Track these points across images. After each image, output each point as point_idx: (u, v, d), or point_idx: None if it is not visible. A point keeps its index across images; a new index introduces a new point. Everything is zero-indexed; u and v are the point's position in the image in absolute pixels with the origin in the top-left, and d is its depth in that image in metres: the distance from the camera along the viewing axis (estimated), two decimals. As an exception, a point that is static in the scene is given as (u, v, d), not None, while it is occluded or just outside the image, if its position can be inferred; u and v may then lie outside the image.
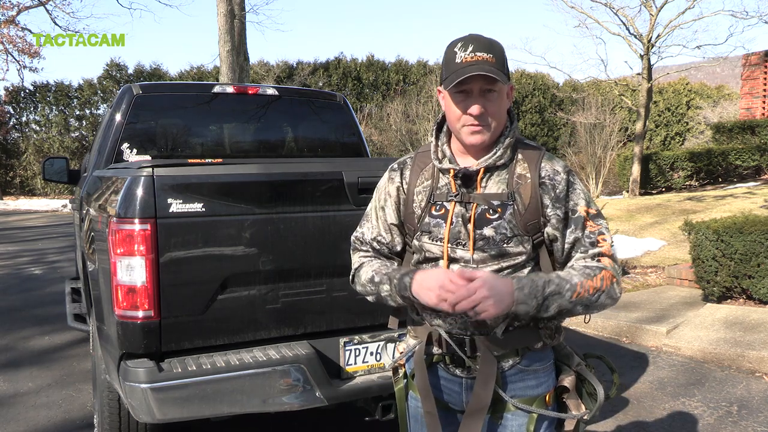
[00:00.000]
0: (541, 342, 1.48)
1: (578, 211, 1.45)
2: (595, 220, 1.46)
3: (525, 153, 1.48)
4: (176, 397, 2.10)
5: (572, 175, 1.47)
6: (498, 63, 1.41)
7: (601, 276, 1.40)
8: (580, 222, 1.45)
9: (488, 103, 1.42)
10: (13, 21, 18.14)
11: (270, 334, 2.35)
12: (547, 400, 1.50)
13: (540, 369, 1.49)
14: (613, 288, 1.42)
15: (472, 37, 1.43)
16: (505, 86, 1.44)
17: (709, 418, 3.35)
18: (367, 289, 1.56)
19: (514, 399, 1.47)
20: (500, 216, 1.43)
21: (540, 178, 1.45)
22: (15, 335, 5.05)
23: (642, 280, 6.51)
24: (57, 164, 4.57)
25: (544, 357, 1.51)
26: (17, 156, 19.92)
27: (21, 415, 3.49)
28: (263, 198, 2.27)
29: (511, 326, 1.45)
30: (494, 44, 1.43)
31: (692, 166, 14.30)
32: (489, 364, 1.44)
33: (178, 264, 2.16)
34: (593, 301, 1.39)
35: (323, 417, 3.30)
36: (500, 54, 1.42)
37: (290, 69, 20.72)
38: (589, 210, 1.46)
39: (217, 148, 4.19)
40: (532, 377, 1.49)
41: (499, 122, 1.45)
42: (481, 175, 1.46)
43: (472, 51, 1.40)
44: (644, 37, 13.97)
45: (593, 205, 1.47)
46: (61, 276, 7.39)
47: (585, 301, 1.39)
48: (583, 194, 1.47)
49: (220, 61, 10.17)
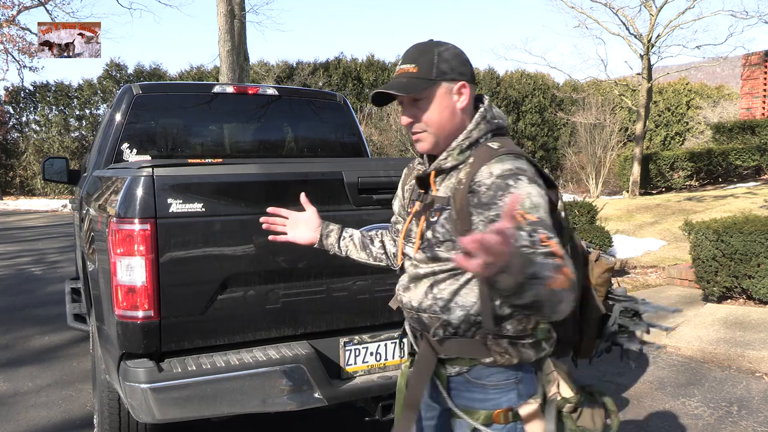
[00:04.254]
0: (491, 357, 1.39)
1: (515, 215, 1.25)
2: (533, 225, 1.25)
3: (477, 155, 1.40)
4: (176, 397, 2.09)
5: (514, 179, 1.31)
6: (421, 71, 1.39)
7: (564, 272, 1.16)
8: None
9: (419, 112, 1.42)
10: (13, 21, 18.13)
11: (270, 334, 2.35)
12: (499, 419, 1.41)
13: (490, 385, 1.42)
14: (571, 292, 1.17)
15: (408, 48, 1.45)
16: (444, 88, 1.41)
17: (709, 418, 3.35)
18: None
19: (459, 407, 1.45)
20: (437, 219, 1.43)
21: (471, 182, 1.36)
22: (15, 335, 5.05)
23: (642, 280, 6.51)
24: (57, 164, 4.58)
25: (497, 373, 1.41)
26: (17, 156, 19.92)
27: (20, 414, 3.49)
28: (263, 198, 2.27)
29: (447, 333, 1.42)
30: (424, 51, 1.41)
31: (692, 166, 14.31)
32: (423, 363, 1.46)
33: (178, 264, 2.16)
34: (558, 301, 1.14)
35: (323, 417, 3.30)
36: (427, 61, 1.40)
37: (290, 69, 20.72)
38: (526, 215, 1.26)
39: (217, 148, 4.19)
40: (479, 391, 1.43)
41: (440, 127, 1.42)
42: (433, 178, 1.47)
43: (400, 64, 1.44)
44: (644, 37, 13.98)
45: (536, 213, 1.27)
46: (61, 276, 7.38)
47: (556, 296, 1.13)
48: (522, 200, 1.29)
49: (220, 61, 10.17)
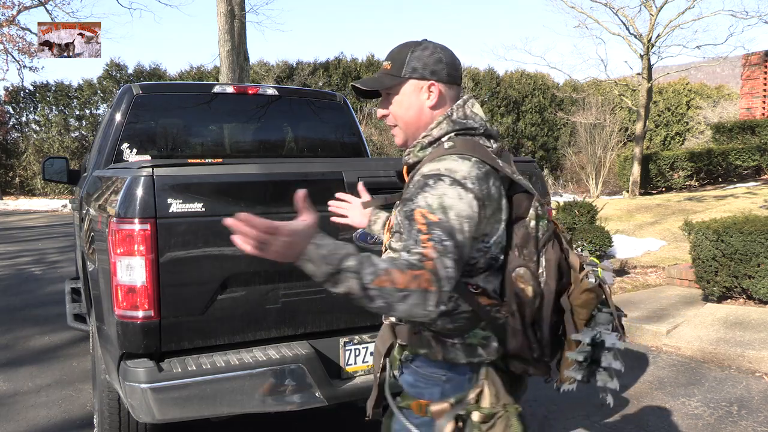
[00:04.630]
0: (425, 349, 1.42)
1: (415, 211, 1.28)
2: (430, 225, 1.25)
3: (432, 154, 1.41)
4: (176, 397, 2.09)
5: (435, 179, 1.31)
6: (394, 68, 1.48)
7: (416, 274, 1.17)
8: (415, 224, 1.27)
9: (391, 106, 1.50)
10: (13, 21, 18.13)
11: (270, 334, 2.35)
12: (416, 408, 1.44)
13: (421, 375, 1.45)
14: (427, 296, 1.17)
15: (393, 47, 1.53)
16: (410, 86, 1.47)
17: (709, 418, 3.35)
18: None
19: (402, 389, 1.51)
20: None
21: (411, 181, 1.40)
22: (15, 335, 5.05)
23: (642, 279, 6.51)
24: (57, 164, 4.58)
25: (429, 366, 1.44)
26: (17, 156, 19.91)
27: (20, 414, 3.49)
28: (263, 198, 2.27)
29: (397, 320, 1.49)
30: (402, 50, 1.49)
31: (692, 166, 14.31)
32: (381, 340, 1.54)
33: (178, 264, 2.16)
34: (398, 299, 1.16)
35: (323, 417, 3.30)
36: (400, 58, 1.47)
37: (290, 69, 20.72)
38: (429, 215, 1.26)
39: (217, 148, 4.19)
40: (414, 378, 1.47)
41: (408, 122, 1.49)
42: (406, 173, 1.54)
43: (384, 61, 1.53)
44: (644, 37, 13.98)
45: (440, 214, 1.27)
46: (61, 276, 7.38)
47: (387, 295, 1.15)
48: (430, 199, 1.28)
49: (220, 61, 10.17)
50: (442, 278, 1.20)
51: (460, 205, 1.28)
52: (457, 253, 1.25)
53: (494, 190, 1.37)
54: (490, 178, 1.37)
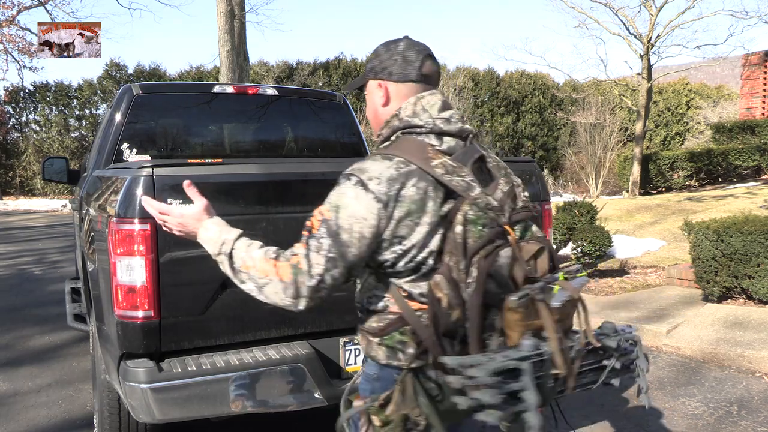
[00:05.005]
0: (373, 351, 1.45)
1: (317, 208, 1.36)
2: (320, 223, 1.32)
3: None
4: (176, 397, 2.09)
5: (345, 178, 1.35)
6: (365, 69, 1.54)
7: (279, 264, 1.32)
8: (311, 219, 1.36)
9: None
10: (13, 21, 18.13)
11: (270, 334, 2.35)
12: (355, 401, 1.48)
13: (365, 371, 1.50)
14: (285, 286, 1.31)
15: None
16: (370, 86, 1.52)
17: (709, 418, 3.35)
18: None
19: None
20: None
21: None
22: (15, 335, 5.05)
23: (642, 279, 6.51)
24: (57, 164, 4.58)
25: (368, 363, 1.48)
26: (17, 156, 19.92)
27: (20, 414, 3.49)
28: (263, 198, 2.27)
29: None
30: (374, 53, 1.52)
31: (692, 166, 14.31)
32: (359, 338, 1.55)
33: (178, 264, 2.16)
34: (261, 285, 1.34)
35: (323, 417, 3.30)
36: (371, 59, 1.52)
37: (290, 69, 20.72)
38: (325, 213, 1.33)
39: (217, 148, 4.19)
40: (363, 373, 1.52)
41: (372, 121, 1.55)
42: None
43: None
44: (644, 37, 13.99)
45: (332, 212, 1.32)
46: (61, 276, 7.39)
47: (254, 279, 1.35)
48: (332, 197, 1.34)
49: (220, 61, 10.17)
50: (303, 272, 1.30)
51: (354, 206, 1.30)
52: (337, 251, 1.30)
53: (413, 191, 1.31)
54: (411, 178, 1.32)
